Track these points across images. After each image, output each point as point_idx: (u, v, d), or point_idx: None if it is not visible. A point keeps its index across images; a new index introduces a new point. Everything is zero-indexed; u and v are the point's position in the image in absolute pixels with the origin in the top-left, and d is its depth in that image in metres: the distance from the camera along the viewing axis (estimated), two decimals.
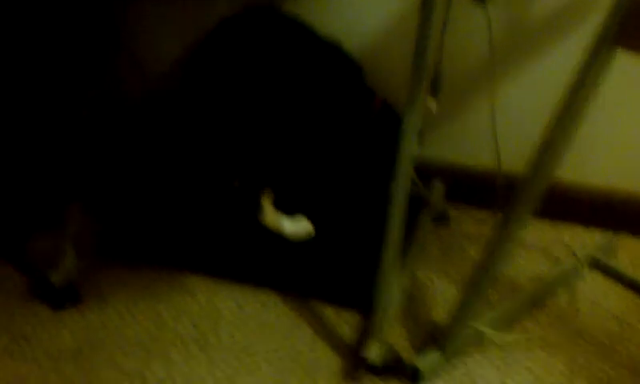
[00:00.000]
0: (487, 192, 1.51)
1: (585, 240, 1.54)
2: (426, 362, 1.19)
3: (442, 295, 1.40)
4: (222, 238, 1.48)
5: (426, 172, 1.60)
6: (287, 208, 1.44)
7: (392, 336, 1.29)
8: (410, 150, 1.11)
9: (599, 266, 1.44)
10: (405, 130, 1.10)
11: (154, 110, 1.63)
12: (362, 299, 1.31)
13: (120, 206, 1.64)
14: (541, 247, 1.53)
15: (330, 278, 1.40)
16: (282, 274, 1.44)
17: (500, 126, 1.45)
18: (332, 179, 1.50)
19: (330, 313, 1.36)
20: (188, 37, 1.48)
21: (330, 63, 1.44)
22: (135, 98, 1.70)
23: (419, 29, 1.04)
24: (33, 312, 1.39)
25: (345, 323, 1.34)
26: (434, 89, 1.36)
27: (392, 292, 1.27)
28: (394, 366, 1.21)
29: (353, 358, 1.25)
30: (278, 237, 1.46)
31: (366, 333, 1.26)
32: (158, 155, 1.63)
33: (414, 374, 1.19)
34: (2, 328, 1.35)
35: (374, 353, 1.18)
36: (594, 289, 1.39)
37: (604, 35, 0.91)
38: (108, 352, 1.29)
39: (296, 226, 1.43)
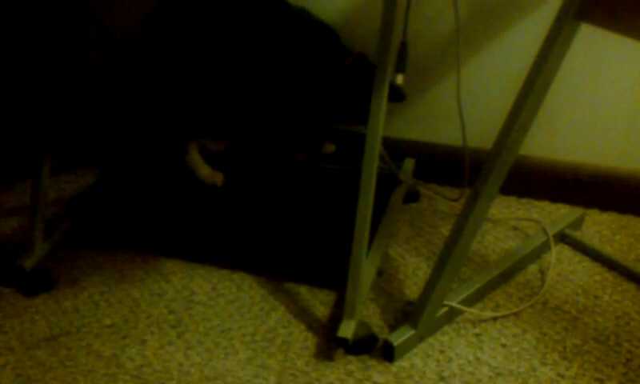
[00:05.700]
0: (456, 170, 1.53)
1: (553, 215, 1.56)
2: (400, 338, 1.20)
3: (415, 272, 1.42)
4: (195, 221, 1.49)
5: (395, 151, 1.61)
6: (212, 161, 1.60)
7: (366, 314, 1.31)
8: (379, 126, 1.11)
9: (567, 241, 1.47)
10: (374, 107, 1.11)
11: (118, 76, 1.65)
12: (336, 278, 1.32)
13: (94, 189, 1.63)
14: (510, 223, 1.55)
15: (304, 257, 1.41)
16: (255, 256, 1.44)
17: (466, 103, 1.46)
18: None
19: (304, 293, 1.38)
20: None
21: (292, 23, 1.45)
22: (101, 65, 1.70)
23: (384, 5, 1.05)
24: (5, 300, 1.38)
25: (319, 302, 1.35)
26: (401, 65, 1.37)
27: (364, 270, 1.28)
28: (369, 343, 1.22)
29: (328, 336, 1.27)
30: (251, 219, 1.47)
31: (340, 311, 1.27)
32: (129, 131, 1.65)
33: (388, 351, 1.21)
34: None
35: (348, 331, 1.19)
36: (562, 263, 1.42)
37: (566, 9, 0.93)
38: (84, 338, 1.29)
39: (211, 174, 1.56)
